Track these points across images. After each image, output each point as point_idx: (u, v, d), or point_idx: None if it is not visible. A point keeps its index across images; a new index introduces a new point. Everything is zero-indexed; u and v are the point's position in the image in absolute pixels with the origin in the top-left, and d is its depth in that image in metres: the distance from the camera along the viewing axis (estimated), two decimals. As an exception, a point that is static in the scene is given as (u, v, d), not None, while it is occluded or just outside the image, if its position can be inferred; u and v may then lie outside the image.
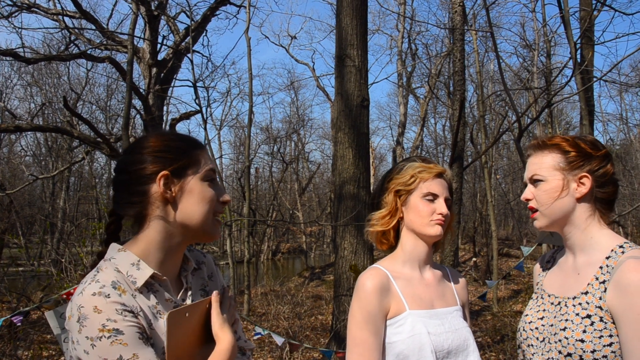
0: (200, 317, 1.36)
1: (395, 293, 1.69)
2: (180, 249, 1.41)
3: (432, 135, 30.37)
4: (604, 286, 1.44)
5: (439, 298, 1.77)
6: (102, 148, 10.09)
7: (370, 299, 1.65)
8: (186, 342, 1.30)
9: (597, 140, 1.62)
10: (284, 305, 10.57)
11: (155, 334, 1.27)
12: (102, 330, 1.16)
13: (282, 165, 28.52)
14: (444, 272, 1.88)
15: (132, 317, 1.22)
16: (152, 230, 1.34)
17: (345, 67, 5.85)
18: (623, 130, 30.20)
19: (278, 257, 28.62)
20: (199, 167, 1.37)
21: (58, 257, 13.26)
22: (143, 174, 1.33)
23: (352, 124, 5.80)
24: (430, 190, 1.74)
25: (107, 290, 1.22)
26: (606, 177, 1.57)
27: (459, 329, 1.70)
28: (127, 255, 1.32)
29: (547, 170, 1.59)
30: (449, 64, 20.27)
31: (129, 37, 8.59)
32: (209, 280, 1.56)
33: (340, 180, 5.88)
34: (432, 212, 1.72)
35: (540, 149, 1.63)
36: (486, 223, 17.89)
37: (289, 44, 26.82)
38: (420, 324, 1.64)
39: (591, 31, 7.50)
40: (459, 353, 1.65)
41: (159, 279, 1.34)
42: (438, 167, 1.79)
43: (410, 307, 1.68)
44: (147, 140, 1.39)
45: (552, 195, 1.57)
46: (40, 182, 23.31)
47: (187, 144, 1.40)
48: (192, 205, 1.34)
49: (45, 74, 23.27)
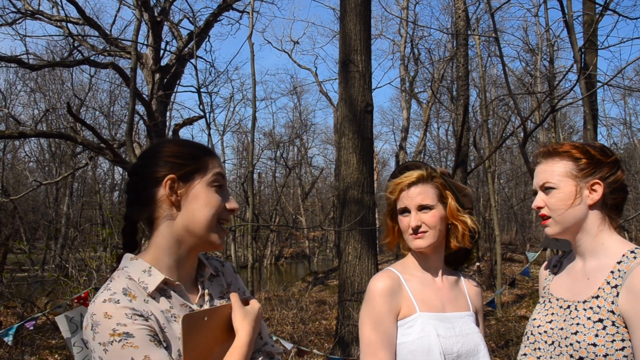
0: (222, 322, 1.37)
1: (406, 294, 1.71)
2: (191, 256, 1.43)
3: (435, 140, 30.38)
4: (616, 290, 1.45)
5: (451, 302, 1.77)
6: (106, 154, 10.11)
7: (380, 301, 1.66)
8: (207, 346, 1.31)
9: (606, 147, 1.63)
10: (288, 310, 10.56)
11: (169, 337, 1.28)
12: (112, 334, 1.18)
13: (285, 170, 28.55)
14: (458, 278, 1.89)
15: (143, 320, 1.23)
16: (160, 236, 1.37)
17: (349, 72, 5.87)
18: (627, 134, 30.13)
19: (281, 262, 28.62)
20: (207, 172, 1.39)
21: (62, 263, 13.28)
22: (151, 177, 1.36)
23: (356, 129, 5.81)
24: (401, 206, 1.78)
25: (117, 297, 1.24)
26: (617, 183, 1.58)
27: (470, 334, 1.70)
28: (138, 263, 1.35)
29: (559, 178, 1.59)
30: (451, 69, 20.27)
31: (133, 43, 8.63)
32: (229, 288, 1.56)
33: (344, 185, 5.88)
34: (407, 228, 1.76)
35: (551, 157, 1.63)
36: (489, 227, 17.84)
37: (291, 49, 26.89)
38: (430, 326, 1.65)
39: (595, 36, 7.48)
40: (469, 357, 1.65)
41: (172, 284, 1.36)
42: (406, 178, 1.79)
43: (421, 309, 1.69)
44: (160, 146, 1.43)
45: (565, 202, 1.57)
46: (44, 187, 23.35)
47: (197, 150, 1.42)
48: (197, 209, 1.35)
49: (48, 80, 23.38)
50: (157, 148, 1.42)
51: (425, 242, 1.73)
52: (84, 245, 13.27)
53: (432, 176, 1.80)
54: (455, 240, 1.78)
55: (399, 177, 1.81)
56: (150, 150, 1.44)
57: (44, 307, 9.09)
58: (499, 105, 19.94)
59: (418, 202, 1.74)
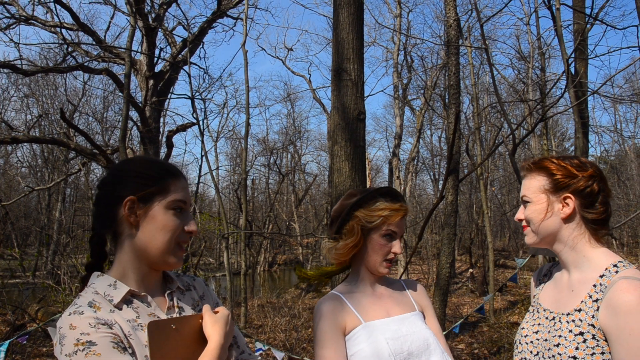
0: (193, 331, 1.38)
1: (349, 311, 1.79)
2: (153, 271, 1.46)
3: (428, 147, 30.47)
4: (597, 305, 1.47)
5: (394, 307, 1.86)
6: (99, 159, 10.10)
7: (325, 321, 1.74)
8: (177, 353, 1.33)
9: (586, 161, 1.66)
10: (281, 317, 10.55)
11: (134, 344, 1.29)
12: (77, 344, 1.19)
13: (279, 176, 28.53)
14: (397, 284, 1.97)
15: (107, 328, 1.24)
16: (123, 252, 1.41)
17: (341, 80, 5.91)
18: (618, 141, 30.35)
19: (274, 268, 28.55)
20: (167, 195, 1.40)
21: (54, 270, 13.21)
22: (114, 195, 1.39)
23: (349, 137, 5.84)
24: (390, 229, 1.84)
25: (81, 309, 1.27)
26: (592, 196, 1.60)
27: (417, 331, 1.77)
28: (104, 279, 1.38)
29: (533, 193, 1.66)
30: (444, 76, 20.39)
31: (127, 50, 8.65)
32: (201, 300, 1.59)
33: (336, 193, 5.91)
34: (387, 252, 1.83)
35: (530, 171, 1.69)
36: (482, 234, 17.91)
37: (285, 56, 27.07)
38: (377, 332, 1.72)
39: (584, 45, 7.57)
40: (421, 354, 1.72)
41: (138, 295, 1.40)
42: (404, 206, 1.86)
43: (365, 320, 1.77)
44: (126, 164, 1.46)
45: (538, 215, 1.63)
46: (36, 193, 23.24)
47: (160, 172, 1.43)
48: (153, 232, 1.38)
49: (42, 85, 23.31)
50: (124, 166, 1.46)
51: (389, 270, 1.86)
52: (76, 251, 13.22)
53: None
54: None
55: (396, 203, 1.86)
56: (118, 167, 1.47)
57: (35, 315, 9.04)
58: (492, 113, 20.07)
59: (403, 232, 1.86)
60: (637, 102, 22.34)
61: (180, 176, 1.46)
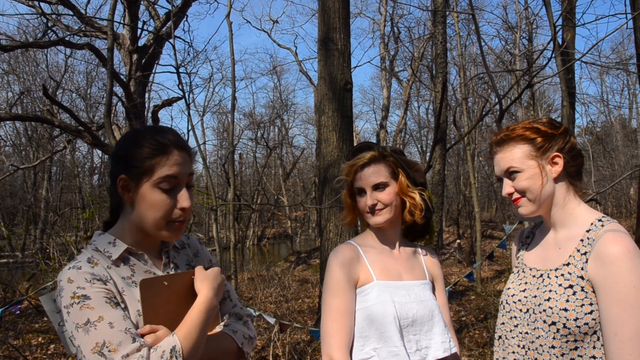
0: (184, 287, 1.45)
1: (364, 264, 1.81)
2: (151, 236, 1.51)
3: (415, 119, 30.50)
4: (586, 257, 1.52)
5: (407, 271, 1.87)
6: (84, 136, 9.97)
7: (339, 271, 1.76)
8: (169, 308, 1.40)
9: (552, 119, 1.70)
10: (271, 288, 10.65)
11: (127, 299, 1.38)
12: (73, 297, 1.29)
13: (266, 150, 28.45)
14: (415, 249, 1.99)
15: (101, 284, 1.33)
16: (124, 219, 1.49)
17: (328, 50, 5.86)
18: (604, 112, 30.59)
19: (264, 242, 28.69)
20: (152, 174, 1.41)
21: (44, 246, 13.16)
22: (111, 173, 1.48)
23: (336, 107, 5.82)
24: (357, 187, 1.88)
25: (80, 264, 1.36)
26: (574, 150, 1.65)
27: (425, 301, 1.79)
28: (105, 237, 1.48)
29: (521, 161, 1.64)
30: (431, 47, 20.29)
31: (109, 23, 8.46)
32: (195, 257, 1.67)
33: (324, 164, 5.92)
34: (364, 207, 1.86)
35: (506, 143, 1.68)
36: (469, 205, 18.08)
37: (271, 29, 26.51)
38: (386, 293, 1.74)
39: (572, 13, 7.56)
40: (424, 323, 1.75)
41: (135, 253, 1.48)
42: (359, 159, 1.88)
43: (378, 278, 1.79)
44: (121, 141, 1.50)
45: (535, 182, 1.63)
46: (22, 172, 22.99)
47: (149, 150, 1.42)
48: (144, 210, 1.43)
49: (22, 61, 22.81)
50: (119, 143, 1.50)
51: (382, 218, 1.84)
52: (65, 229, 13.16)
53: (384, 155, 1.88)
54: (409, 214, 1.87)
55: (353, 159, 1.89)
56: (117, 144, 1.51)
57: (25, 292, 9.03)
58: (479, 84, 20.07)
59: (372, 181, 1.84)
60: (623, 69, 22.44)
61: (173, 150, 1.43)
